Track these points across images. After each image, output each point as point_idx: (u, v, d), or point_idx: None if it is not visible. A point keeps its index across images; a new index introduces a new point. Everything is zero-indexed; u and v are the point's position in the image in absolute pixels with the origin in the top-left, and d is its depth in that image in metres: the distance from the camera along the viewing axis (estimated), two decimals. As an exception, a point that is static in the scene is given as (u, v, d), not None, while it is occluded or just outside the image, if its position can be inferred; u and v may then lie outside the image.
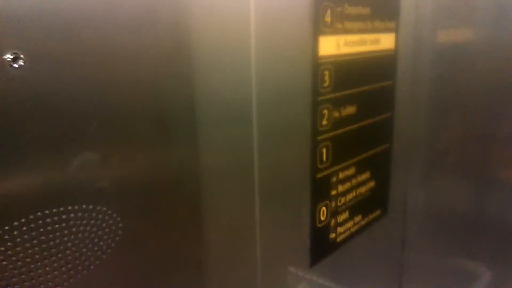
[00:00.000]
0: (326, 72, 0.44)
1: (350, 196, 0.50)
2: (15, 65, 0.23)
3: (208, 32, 0.33)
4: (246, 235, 0.40)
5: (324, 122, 0.45)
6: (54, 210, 0.24)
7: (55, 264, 0.25)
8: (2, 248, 0.23)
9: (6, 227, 0.23)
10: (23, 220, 0.23)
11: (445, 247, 0.68)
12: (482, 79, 0.61)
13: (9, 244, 0.23)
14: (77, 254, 0.26)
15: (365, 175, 0.52)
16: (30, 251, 0.24)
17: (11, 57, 0.23)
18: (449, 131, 0.67)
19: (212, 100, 0.35)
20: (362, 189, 0.52)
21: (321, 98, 0.44)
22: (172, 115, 0.30)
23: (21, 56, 0.23)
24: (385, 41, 0.52)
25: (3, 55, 0.23)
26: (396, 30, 0.53)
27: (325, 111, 0.45)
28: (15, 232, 0.23)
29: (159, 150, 0.30)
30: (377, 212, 0.56)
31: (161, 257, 0.31)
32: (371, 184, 0.54)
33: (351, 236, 0.51)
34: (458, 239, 0.67)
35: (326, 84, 0.44)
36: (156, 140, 0.29)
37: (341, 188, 0.48)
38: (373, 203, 0.55)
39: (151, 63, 0.28)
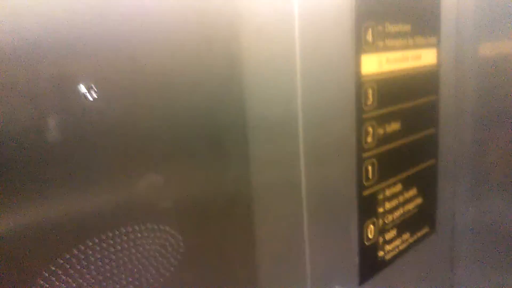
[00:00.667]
0: (370, 90, 0.44)
1: (397, 213, 0.50)
2: (89, 97, 0.25)
3: (257, 55, 0.35)
4: (295, 253, 0.41)
5: (369, 139, 0.45)
6: (124, 230, 0.26)
7: (123, 281, 0.26)
8: (77, 266, 0.25)
9: (82, 246, 0.25)
10: (96, 239, 0.25)
11: (496, 264, 0.66)
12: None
13: (82, 261, 0.25)
14: (143, 271, 0.27)
15: (412, 192, 0.52)
16: (101, 268, 0.25)
17: (86, 89, 0.25)
18: (497, 146, 0.65)
19: (262, 120, 0.36)
20: (410, 206, 0.52)
21: (365, 115, 0.44)
22: (226, 136, 0.32)
23: (94, 88, 0.25)
24: (427, 57, 0.51)
25: (79, 88, 0.25)
26: (437, 45, 0.53)
27: (370, 128, 0.45)
28: (89, 251, 0.25)
29: (215, 170, 0.31)
30: (425, 230, 0.55)
31: (217, 274, 0.32)
32: (419, 201, 0.53)
33: (400, 254, 0.51)
34: (509, 256, 0.65)
35: (370, 101, 0.44)
36: (212, 161, 0.31)
37: (388, 206, 0.48)
38: (421, 220, 0.54)
39: (207, 89, 0.30)
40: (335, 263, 0.45)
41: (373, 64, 0.45)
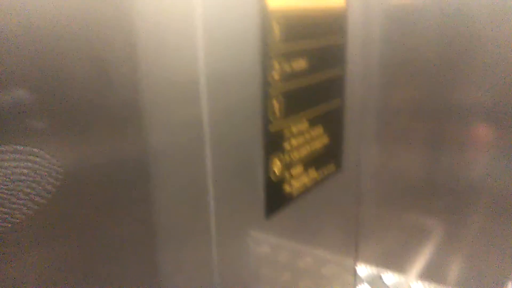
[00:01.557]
0: (276, 25, 0.44)
1: (304, 150, 0.51)
2: None
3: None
4: (199, 194, 0.40)
5: (276, 75, 0.45)
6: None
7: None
8: None
9: None
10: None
11: (399, 203, 0.71)
12: (432, 42, 0.63)
13: None
14: (14, 199, 0.25)
15: (318, 131, 0.53)
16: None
17: None
18: (401, 92, 0.69)
19: (160, 59, 0.34)
20: (316, 144, 0.53)
21: (271, 50, 0.43)
22: (116, 95, 0.30)
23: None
24: (335, -4, 0.52)
25: None
26: (345, -14, 0.53)
27: (276, 65, 0.45)
28: None
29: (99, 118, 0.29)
30: (332, 168, 0.58)
31: (108, 209, 0.31)
32: (325, 140, 0.55)
33: (307, 190, 0.52)
34: (412, 195, 0.70)
35: (277, 36, 0.44)
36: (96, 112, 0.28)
37: (294, 142, 0.49)
38: (328, 159, 0.56)
39: (92, 37, 0.27)
40: (242, 200, 0.45)
41: (280, -1, 0.44)
